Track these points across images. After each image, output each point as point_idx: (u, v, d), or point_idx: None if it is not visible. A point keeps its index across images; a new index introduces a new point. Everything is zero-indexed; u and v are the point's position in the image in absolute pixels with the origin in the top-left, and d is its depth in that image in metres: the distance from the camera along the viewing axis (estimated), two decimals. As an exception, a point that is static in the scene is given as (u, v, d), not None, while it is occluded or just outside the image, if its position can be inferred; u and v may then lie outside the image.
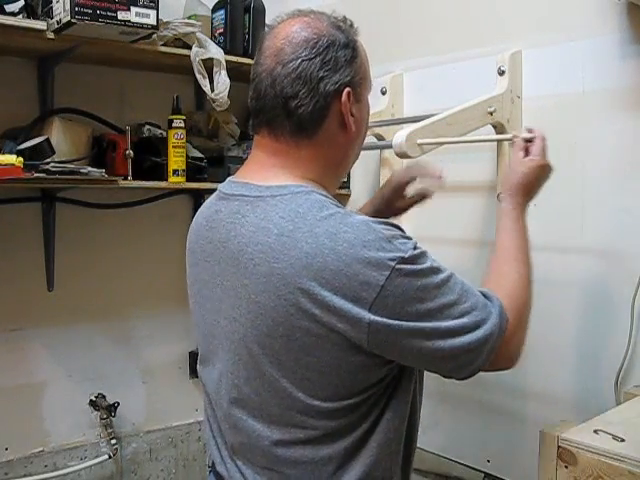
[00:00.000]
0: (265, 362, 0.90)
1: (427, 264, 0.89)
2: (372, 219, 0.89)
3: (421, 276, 0.87)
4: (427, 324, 0.87)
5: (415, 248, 0.88)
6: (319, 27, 0.94)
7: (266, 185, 0.93)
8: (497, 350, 0.92)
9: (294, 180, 0.93)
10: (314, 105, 0.92)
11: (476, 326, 0.89)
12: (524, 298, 1.00)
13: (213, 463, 1.05)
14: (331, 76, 0.92)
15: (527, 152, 1.18)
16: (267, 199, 0.91)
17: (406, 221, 1.91)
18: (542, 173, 1.17)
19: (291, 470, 0.93)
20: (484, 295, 0.94)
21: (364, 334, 0.85)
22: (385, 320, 0.84)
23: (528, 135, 1.20)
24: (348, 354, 0.87)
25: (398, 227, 0.91)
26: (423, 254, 0.89)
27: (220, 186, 1.02)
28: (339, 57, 0.94)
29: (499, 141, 1.67)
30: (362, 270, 0.83)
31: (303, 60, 0.91)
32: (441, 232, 1.83)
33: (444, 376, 0.95)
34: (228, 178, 1.03)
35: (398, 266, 0.84)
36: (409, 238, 0.89)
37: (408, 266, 0.85)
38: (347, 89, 0.94)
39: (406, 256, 0.85)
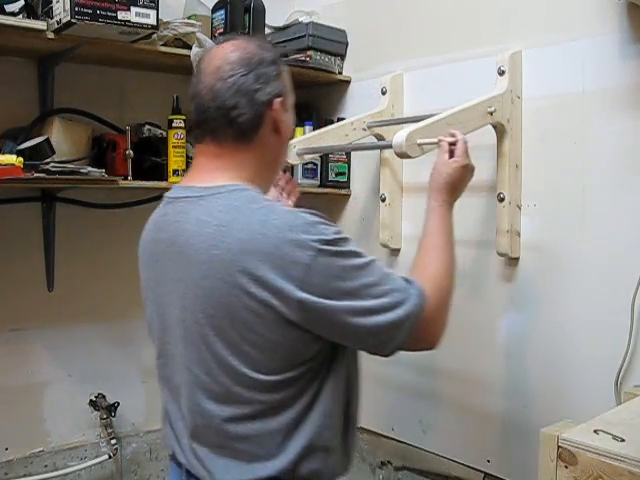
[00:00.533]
0: (214, 342, 1.00)
1: (349, 247, 0.99)
2: (299, 209, 1.02)
3: (343, 257, 0.98)
4: (350, 302, 0.97)
5: (337, 233, 0.99)
6: (248, 48, 1.08)
7: (207, 186, 1.05)
8: (417, 329, 1.02)
9: (231, 180, 1.05)
10: (253, 113, 1.05)
11: (396, 305, 0.99)
12: (445, 284, 1.11)
13: (173, 453, 1.13)
14: (264, 88, 1.06)
15: (452, 154, 1.28)
16: (208, 197, 1.03)
17: (406, 221, 1.92)
18: (465, 173, 1.27)
19: (242, 445, 1.02)
20: (406, 280, 1.04)
21: (294, 310, 0.95)
22: (312, 298, 0.95)
23: (451, 139, 1.29)
24: (284, 329, 0.97)
25: (322, 216, 1.02)
26: (345, 239, 1.00)
27: (166, 193, 1.13)
28: (268, 72, 1.07)
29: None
30: (290, 251, 0.95)
31: (241, 75, 1.04)
32: (441, 232, 1.83)
33: (369, 352, 1.07)
34: (173, 185, 1.14)
35: (321, 247, 0.95)
36: (332, 225, 1.01)
37: (331, 247, 0.96)
38: (278, 99, 1.07)
39: (329, 238, 0.97)
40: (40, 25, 1.50)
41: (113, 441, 1.95)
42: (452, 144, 1.28)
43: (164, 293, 1.08)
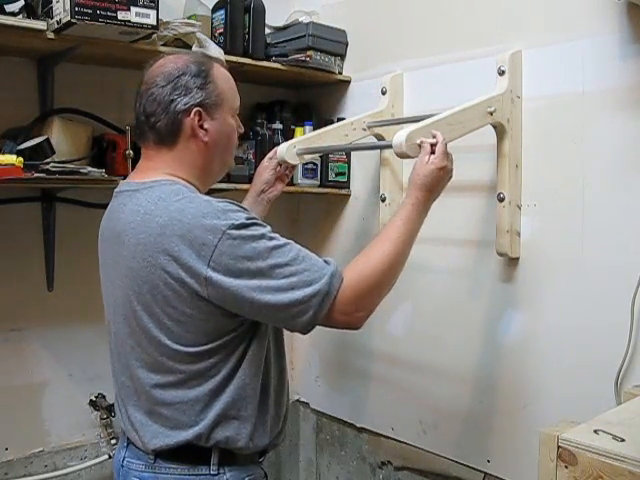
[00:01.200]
0: (141, 316, 1.14)
1: (258, 231, 1.10)
2: (216, 199, 1.13)
3: (250, 240, 1.08)
4: (256, 281, 1.08)
5: (248, 219, 1.10)
6: (177, 62, 1.21)
7: (143, 181, 1.19)
8: (329, 308, 1.10)
9: (164, 176, 1.19)
10: (167, 120, 1.18)
11: (306, 284, 1.09)
12: (377, 271, 1.17)
13: (120, 423, 1.26)
14: (181, 99, 1.18)
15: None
16: (142, 190, 1.17)
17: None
18: (442, 175, 1.30)
19: (168, 411, 1.15)
20: (325, 261, 1.14)
21: (204, 287, 1.08)
22: (220, 276, 1.07)
23: (432, 140, 1.32)
24: (198, 304, 1.10)
25: (237, 204, 1.13)
26: (255, 224, 1.11)
27: (115, 188, 1.27)
28: (189, 83, 1.19)
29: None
30: (201, 234, 1.07)
31: (158, 87, 1.18)
32: (441, 232, 1.83)
33: (285, 328, 1.18)
34: (121, 181, 1.31)
35: (229, 231, 1.07)
36: (243, 211, 1.12)
37: (238, 231, 1.08)
38: (196, 109, 1.18)
39: (237, 223, 1.08)
40: (40, 25, 1.50)
41: (113, 441, 1.95)
42: (433, 145, 1.31)
43: (108, 275, 1.24)
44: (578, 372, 1.51)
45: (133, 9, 1.52)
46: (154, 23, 1.57)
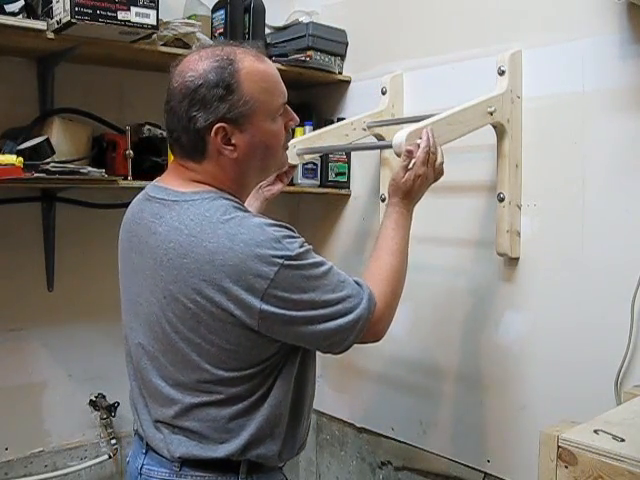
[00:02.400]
0: (177, 339, 1.08)
1: (310, 260, 1.06)
2: (267, 221, 1.06)
3: (304, 269, 1.05)
4: (308, 312, 1.05)
5: (302, 246, 1.06)
6: (197, 68, 1.08)
7: (182, 191, 1.10)
8: (366, 329, 1.11)
9: (204, 187, 1.10)
10: (189, 138, 1.09)
11: (349, 311, 1.08)
12: (393, 288, 1.19)
13: (136, 426, 1.23)
14: (201, 114, 1.06)
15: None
16: (181, 203, 1.08)
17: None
18: (420, 182, 1.29)
19: (197, 425, 1.11)
20: (357, 284, 1.12)
21: (255, 319, 1.03)
22: (273, 309, 1.03)
23: (409, 147, 1.30)
24: (244, 334, 1.05)
25: (289, 228, 1.08)
26: (308, 251, 1.07)
27: (146, 188, 1.18)
28: (207, 97, 1.06)
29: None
30: (255, 265, 1.01)
31: (177, 102, 1.08)
32: (441, 232, 1.83)
33: (323, 352, 1.15)
34: (153, 181, 1.20)
35: (286, 262, 1.02)
36: (297, 237, 1.07)
37: (294, 262, 1.03)
38: (218, 124, 1.07)
39: (292, 254, 1.03)
40: (40, 25, 1.50)
41: (113, 441, 1.95)
42: (409, 152, 1.30)
43: (136, 283, 1.14)
44: (578, 372, 1.51)
45: (133, 9, 1.52)
46: (154, 23, 1.57)
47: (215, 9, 1.90)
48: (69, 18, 1.45)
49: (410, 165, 1.28)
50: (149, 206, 1.13)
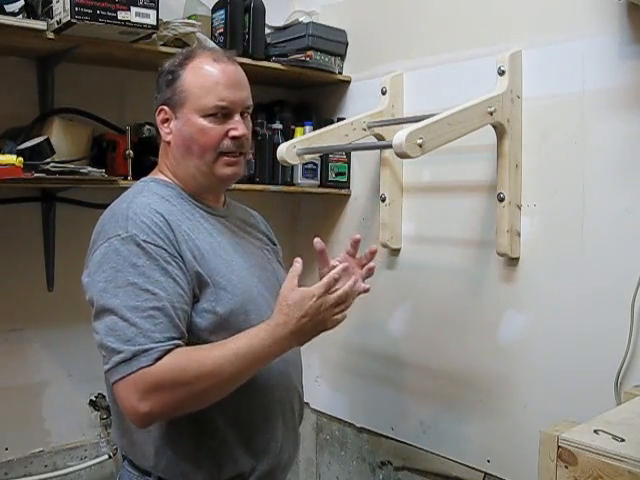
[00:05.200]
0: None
1: (136, 259, 1.05)
2: (145, 202, 1.13)
3: (119, 258, 1.06)
4: (95, 295, 1.08)
5: (143, 240, 1.06)
6: (169, 59, 1.23)
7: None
8: (125, 376, 1.01)
9: (156, 174, 1.25)
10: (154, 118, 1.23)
11: (121, 339, 1.03)
12: (194, 386, 1.01)
13: None
14: (156, 97, 1.22)
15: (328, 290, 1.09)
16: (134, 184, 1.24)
17: (406, 221, 1.92)
18: (316, 308, 1.08)
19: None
20: (159, 333, 1.02)
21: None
22: (85, 279, 1.10)
23: (298, 269, 1.11)
24: None
25: (158, 215, 1.11)
26: (141, 248, 1.06)
27: None
28: (161, 81, 1.21)
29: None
30: (97, 234, 1.13)
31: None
32: (441, 232, 1.83)
33: None
34: None
35: (112, 239, 1.07)
36: (149, 227, 1.08)
37: (118, 243, 1.06)
38: (161, 107, 1.20)
39: (123, 235, 1.07)
40: (40, 25, 1.50)
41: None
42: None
43: None
44: (578, 372, 1.51)
45: (133, 9, 1.52)
46: (154, 23, 1.57)
47: (215, 9, 1.90)
48: (69, 18, 1.45)
49: (313, 301, 1.07)
50: None
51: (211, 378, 1.02)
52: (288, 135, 1.99)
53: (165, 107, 1.19)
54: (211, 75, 1.17)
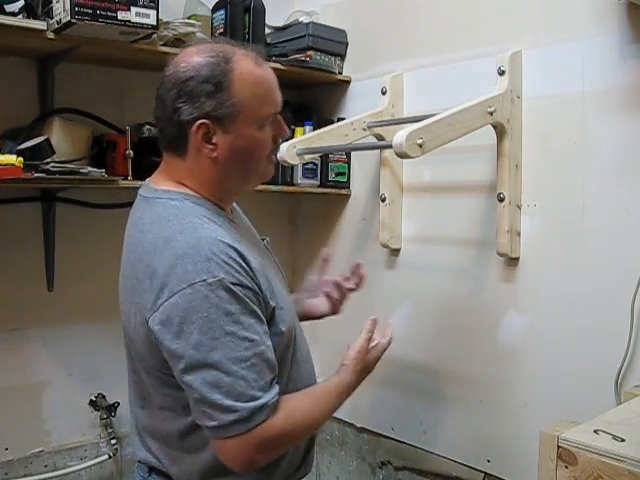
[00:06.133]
0: (127, 341, 1.10)
1: (229, 306, 0.96)
2: (217, 238, 0.99)
3: (212, 308, 0.95)
4: (186, 356, 0.95)
5: (231, 282, 0.96)
6: (191, 60, 1.04)
7: (156, 188, 1.09)
8: (240, 435, 0.97)
9: (178, 187, 1.07)
10: (171, 130, 1.05)
11: (230, 394, 0.96)
12: (299, 433, 1.08)
13: None
14: (186, 107, 1.02)
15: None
16: (150, 200, 1.07)
17: (406, 221, 1.92)
18: (372, 366, 1.21)
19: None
20: (270, 384, 1.00)
21: (148, 332, 0.99)
22: (157, 326, 0.96)
23: (371, 330, 1.21)
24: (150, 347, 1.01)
25: (235, 249, 0.99)
26: (232, 293, 0.96)
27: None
28: (195, 90, 1.02)
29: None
30: (169, 276, 0.96)
31: (165, 90, 1.04)
32: (441, 232, 1.83)
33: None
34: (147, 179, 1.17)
35: (197, 285, 0.94)
36: (232, 266, 0.97)
37: (206, 290, 0.94)
38: (201, 121, 1.02)
39: (210, 280, 0.95)
40: (40, 25, 1.50)
41: (113, 441, 1.95)
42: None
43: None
44: (578, 372, 1.51)
45: (133, 9, 1.52)
46: (154, 23, 1.56)
47: (215, 9, 1.90)
48: (69, 18, 1.45)
49: (374, 353, 1.20)
50: (134, 203, 1.14)
51: (311, 427, 1.11)
52: (288, 135, 1.98)
53: (207, 121, 1.02)
54: (262, 82, 1.06)
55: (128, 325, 1.06)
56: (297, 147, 1.67)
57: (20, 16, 1.53)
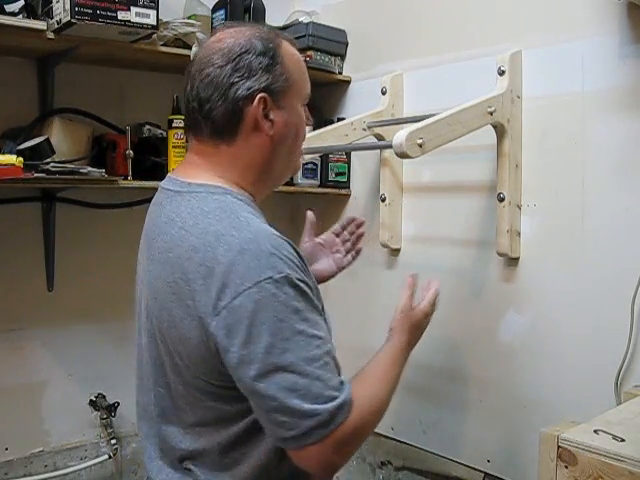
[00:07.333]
0: (162, 350, 0.99)
1: (296, 303, 0.90)
2: (271, 231, 0.93)
3: (281, 306, 0.89)
4: (257, 361, 0.88)
5: (297, 278, 0.91)
6: (238, 37, 1.00)
7: (188, 182, 1.01)
8: (321, 439, 0.91)
9: (214, 180, 1.00)
10: (225, 108, 0.98)
11: (307, 396, 0.89)
12: (376, 415, 1.03)
13: None
14: (243, 82, 0.97)
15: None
16: (184, 194, 0.99)
17: (406, 221, 1.92)
18: (427, 322, 1.24)
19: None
20: (341, 382, 0.94)
21: (206, 336, 0.91)
22: (220, 331, 0.89)
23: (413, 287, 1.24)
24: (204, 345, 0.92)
25: (293, 246, 0.94)
26: (299, 289, 0.91)
27: (162, 181, 1.09)
28: (253, 64, 0.98)
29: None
30: (227, 274, 0.88)
31: (216, 67, 0.98)
32: (441, 232, 1.83)
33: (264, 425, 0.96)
34: (168, 174, 1.10)
35: (263, 283, 0.88)
36: (294, 262, 0.92)
37: (274, 288, 0.88)
38: (261, 94, 0.98)
39: (276, 277, 0.88)
40: (40, 25, 1.50)
41: (113, 441, 1.95)
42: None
43: (141, 289, 1.07)
44: (578, 372, 1.51)
45: (133, 9, 1.52)
46: (154, 23, 1.57)
47: (215, 9, 1.90)
48: (69, 18, 1.45)
49: (421, 306, 1.23)
50: (158, 198, 1.06)
51: (381, 409, 1.05)
52: (288, 135, 1.98)
53: (266, 95, 0.98)
54: (302, 61, 1.08)
55: (167, 333, 0.97)
56: (297, 147, 1.67)
57: (20, 16, 1.53)
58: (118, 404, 1.93)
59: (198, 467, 1.01)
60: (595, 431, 1.07)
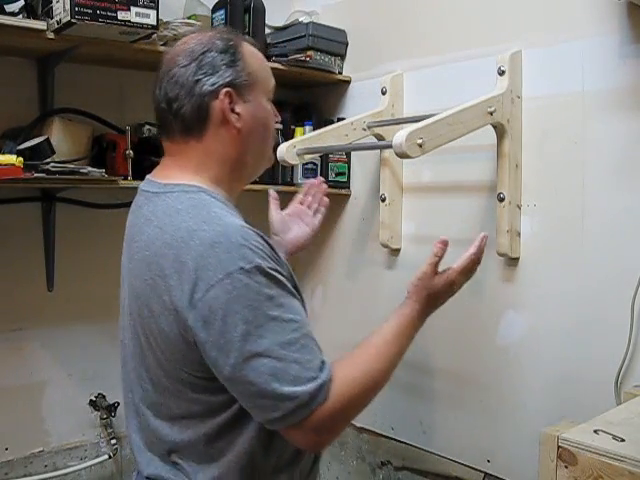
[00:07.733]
0: (145, 345, 1.02)
1: (269, 290, 0.93)
2: (241, 224, 0.96)
3: (253, 295, 0.91)
4: (235, 347, 0.91)
5: (267, 266, 0.93)
6: (201, 38, 1.06)
7: (164, 182, 1.05)
8: (299, 422, 0.93)
9: (189, 179, 1.04)
10: (193, 105, 1.03)
11: (288, 380, 0.92)
12: (363, 397, 1.03)
13: None
14: (208, 79, 1.03)
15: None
16: (160, 195, 1.03)
17: (406, 221, 1.92)
18: (452, 290, 1.20)
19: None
20: (322, 362, 0.96)
21: (183, 328, 0.94)
22: (197, 322, 0.91)
23: (439, 253, 1.19)
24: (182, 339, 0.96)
25: (263, 237, 0.97)
26: (271, 276, 0.93)
27: (140, 184, 1.13)
28: (216, 61, 1.04)
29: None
30: (202, 268, 0.91)
31: (181, 67, 1.03)
32: (441, 232, 1.82)
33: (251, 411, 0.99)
34: (147, 176, 1.14)
35: (235, 274, 0.91)
36: (264, 252, 0.94)
37: (245, 278, 0.91)
38: (225, 89, 1.03)
39: (247, 267, 0.91)
40: (40, 25, 1.50)
41: (113, 441, 1.95)
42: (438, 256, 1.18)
43: (122, 285, 1.11)
44: (578, 372, 1.51)
45: (133, 9, 1.52)
46: (154, 23, 1.57)
47: (215, 9, 1.90)
48: (69, 18, 1.45)
49: (448, 273, 1.19)
50: (137, 200, 1.11)
51: (376, 384, 1.05)
52: (288, 135, 1.99)
53: (230, 89, 1.03)
54: (263, 58, 1.12)
55: (148, 329, 1.00)
56: (297, 147, 1.67)
57: (20, 16, 1.53)
58: (118, 404, 1.93)
59: (184, 460, 1.03)
60: (595, 431, 1.07)
